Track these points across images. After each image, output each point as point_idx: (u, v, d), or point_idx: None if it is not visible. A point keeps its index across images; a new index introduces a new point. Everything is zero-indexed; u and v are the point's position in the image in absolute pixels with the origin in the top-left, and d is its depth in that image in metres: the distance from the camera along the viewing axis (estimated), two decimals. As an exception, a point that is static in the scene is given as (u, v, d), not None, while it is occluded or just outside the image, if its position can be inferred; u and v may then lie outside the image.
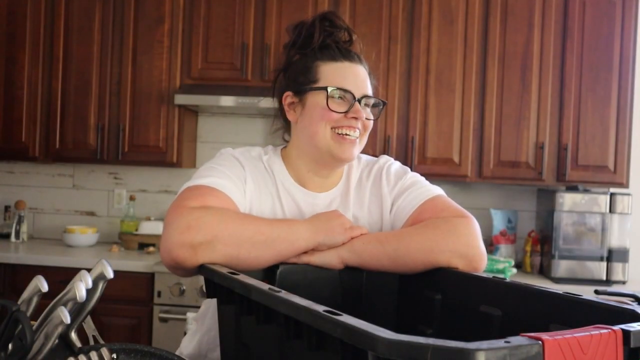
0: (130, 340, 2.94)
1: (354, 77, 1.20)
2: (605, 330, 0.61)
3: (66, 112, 3.36)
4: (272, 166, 1.25)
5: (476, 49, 3.17)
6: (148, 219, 3.52)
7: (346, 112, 1.18)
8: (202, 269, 1.00)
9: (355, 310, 1.02)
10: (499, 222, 3.30)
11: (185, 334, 2.86)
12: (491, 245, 3.33)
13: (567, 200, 3.02)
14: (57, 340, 0.90)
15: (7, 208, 3.67)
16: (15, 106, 3.38)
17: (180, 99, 3.20)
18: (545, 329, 0.64)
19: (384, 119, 3.18)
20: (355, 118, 1.18)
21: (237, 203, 1.14)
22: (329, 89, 1.17)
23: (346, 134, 1.19)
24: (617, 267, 3.02)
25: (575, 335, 0.59)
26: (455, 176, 3.17)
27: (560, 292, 0.84)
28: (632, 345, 0.62)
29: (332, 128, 1.18)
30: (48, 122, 3.37)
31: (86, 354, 0.90)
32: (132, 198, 3.57)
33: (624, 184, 3.11)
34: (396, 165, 1.32)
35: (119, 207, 3.68)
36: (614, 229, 3.05)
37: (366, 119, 1.21)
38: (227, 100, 3.15)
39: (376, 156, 1.35)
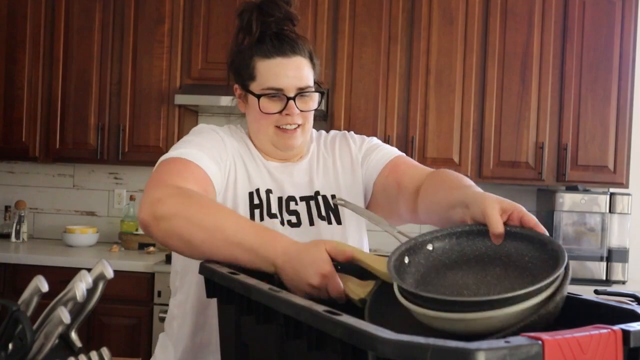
0: (130, 340, 2.94)
1: (285, 73, 1.23)
2: (605, 330, 0.61)
3: (66, 112, 3.36)
4: (244, 140, 1.33)
5: (476, 49, 3.17)
6: (148, 219, 3.52)
7: (280, 111, 1.24)
8: (201, 267, 0.99)
9: (358, 311, 1.03)
10: (499, 222, 3.30)
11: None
12: (491, 245, 3.33)
13: (567, 200, 3.02)
14: (57, 340, 0.90)
15: (7, 208, 3.68)
16: (16, 106, 3.38)
17: (180, 99, 3.20)
18: (549, 329, 0.63)
19: (384, 119, 3.18)
20: (289, 114, 1.24)
21: (212, 176, 1.17)
22: (261, 93, 1.24)
23: (286, 128, 1.25)
24: (617, 267, 3.02)
25: (575, 335, 0.59)
26: (455, 176, 3.17)
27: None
28: (632, 345, 0.62)
29: (274, 126, 1.26)
30: (48, 122, 3.37)
31: (86, 354, 0.90)
32: (132, 198, 3.58)
33: (624, 184, 3.12)
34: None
35: (119, 207, 3.68)
36: (613, 229, 3.05)
37: (303, 111, 1.25)
38: (227, 100, 3.13)
39: None
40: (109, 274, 0.96)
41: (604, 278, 3.02)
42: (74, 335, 0.95)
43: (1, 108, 3.40)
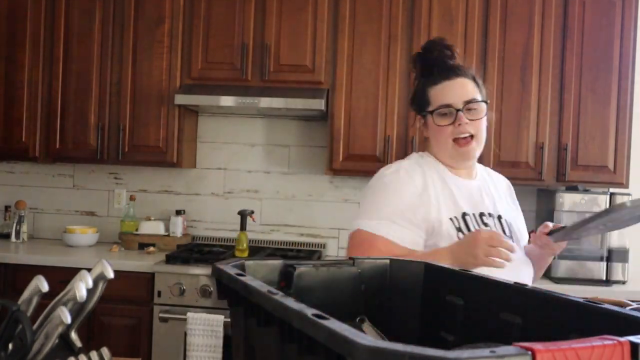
0: (130, 340, 2.94)
1: (451, 91, 1.50)
2: (609, 342, 0.55)
3: (66, 112, 3.36)
4: (435, 166, 1.57)
5: (476, 49, 3.17)
6: (148, 219, 3.52)
7: (452, 123, 1.49)
8: (212, 269, 0.99)
9: (378, 315, 1.01)
10: (499, 222, 3.30)
11: (185, 334, 2.87)
12: (491, 245, 3.33)
13: (567, 200, 3.02)
14: (57, 340, 0.90)
15: (7, 208, 3.67)
16: (15, 106, 3.38)
17: (180, 99, 3.20)
18: (564, 339, 0.59)
19: (384, 119, 3.18)
20: (460, 124, 1.49)
21: (403, 243, 1.44)
22: (433, 111, 1.52)
23: (459, 137, 1.50)
24: (617, 267, 3.02)
25: (574, 346, 0.54)
26: (455, 176, 3.17)
27: (581, 300, 0.80)
28: (641, 360, 0.57)
29: (452, 140, 1.51)
30: (48, 122, 3.37)
31: (86, 354, 0.90)
32: (132, 198, 3.58)
33: (624, 184, 3.11)
34: None
35: (119, 207, 3.68)
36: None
37: (472, 119, 1.49)
38: (227, 100, 3.14)
39: (375, 156, 1.50)
40: (109, 274, 0.96)
41: (604, 278, 3.01)
42: (74, 335, 0.95)
43: (1, 108, 3.40)
